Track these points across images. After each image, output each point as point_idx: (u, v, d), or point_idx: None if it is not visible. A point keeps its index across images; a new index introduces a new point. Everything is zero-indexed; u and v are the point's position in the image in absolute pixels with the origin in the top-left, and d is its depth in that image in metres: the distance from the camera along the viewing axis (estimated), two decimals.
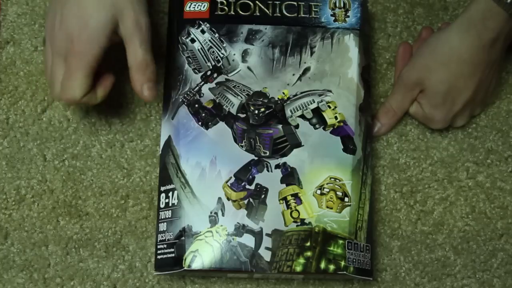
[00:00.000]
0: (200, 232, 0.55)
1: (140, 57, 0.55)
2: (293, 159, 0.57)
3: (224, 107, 0.59)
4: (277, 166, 0.57)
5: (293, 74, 0.60)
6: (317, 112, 0.59)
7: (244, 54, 0.60)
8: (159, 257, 0.56)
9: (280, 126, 0.58)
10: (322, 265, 0.54)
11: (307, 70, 0.60)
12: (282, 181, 0.57)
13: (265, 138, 0.58)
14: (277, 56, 0.60)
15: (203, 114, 0.58)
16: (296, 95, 0.59)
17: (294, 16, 0.61)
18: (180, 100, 0.59)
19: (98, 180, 0.61)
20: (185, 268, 0.54)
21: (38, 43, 0.64)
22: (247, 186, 0.56)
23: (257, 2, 0.61)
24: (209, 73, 0.60)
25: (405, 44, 0.64)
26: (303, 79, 0.59)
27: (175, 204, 0.56)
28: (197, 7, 0.61)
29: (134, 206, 0.61)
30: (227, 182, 0.56)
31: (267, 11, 0.61)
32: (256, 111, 0.58)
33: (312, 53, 0.60)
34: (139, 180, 0.61)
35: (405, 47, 0.64)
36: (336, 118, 0.58)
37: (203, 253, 0.54)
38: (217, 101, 0.59)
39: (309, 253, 0.54)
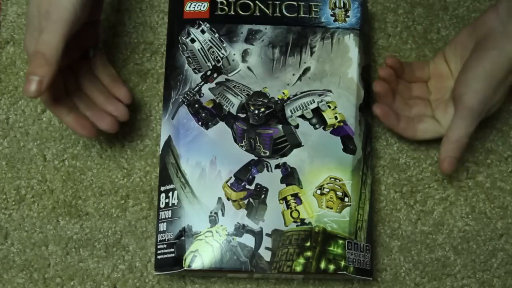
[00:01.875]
0: (200, 232, 0.55)
1: (35, 47, 0.50)
2: (293, 159, 0.57)
3: (224, 107, 0.59)
4: (277, 166, 0.57)
5: (293, 74, 0.60)
6: (317, 112, 0.59)
7: (244, 54, 0.60)
8: (159, 257, 0.56)
9: (280, 126, 0.58)
10: (322, 265, 0.54)
11: (307, 70, 0.60)
12: (282, 181, 0.57)
13: (265, 138, 0.58)
14: (277, 56, 0.60)
15: (203, 114, 0.58)
16: (296, 95, 0.59)
17: (294, 16, 0.61)
18: (180, 100, 0.59)
19: (98, 180, 0.61)
20: (185, 268, 0.54)
21: None
22: (247, 186, 0.56)
23: (257, 2, 0.61)
24: (209, 73, 0.60)
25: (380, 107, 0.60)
26: (303, 79, 0.59)
27: (175, 204, 0.56)
28: (197, 7, 0.61)
29: (134, 206, 0.61)
30: (227, 182, 0.56)
31: (267, 11, 0.61)
32: (256, 111, 0.58)
33: (312, 53, 0.60)
34: (139, 180, 0.61)
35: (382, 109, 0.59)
36: (336, 118, 0.58)
37: (203, 253, 0.54)
38: (217, 101, 0.59)
39: (309, 253, 0.54)
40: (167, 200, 0.56)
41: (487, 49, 0.56)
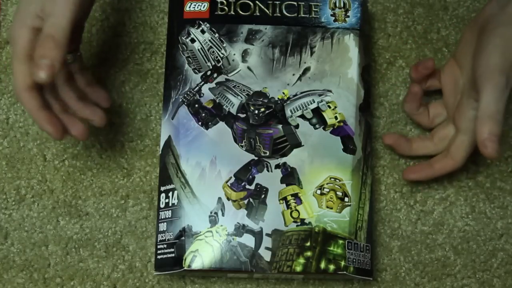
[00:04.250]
0: (200, 232, 0.55)
1: (43, 30, 0.50)
2: (293, 159, 0.57)
3: (224, 107, 0.59)
4: (277, 166, 0.57)
5: (293, 74, 0.60)
6: (317, 112, 0.59)
7: (244, 54, 0.60)
8: (159, 257, 0.56)
9: (280, 126, 0.58)
10: (322, 265, 0.54)
11: (307, 70, 0.60)
12: (282, 181, 0.57)
13: (265, 138, 0.58)
14: (277, 56, 0.60)
15: (203, 114, 0.58)
16: (296, 95, 0.59)
17: (294, 16, 0.61)
18: (180, 100, 0.59)
19: (98, 180, 0.61)
20: (185, 268, 0.54)
21: None
22: (247, 186, 0.56)
23: (257, 2, 0.61)
24: (209, 73, 0.60)
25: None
26: (303, 79, 0.59)
27: (175, 204, 0.56)
28: (197, 7, 0.61)
29: (134, 206, 0.61)
30: (227, 182, 0.56)
31: (267, 11, 0.61)
32: (256, 111, 0.58)
33: (312, 53, 0.60)
34: (139, 180, 0.61)
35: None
36: (336, 118, 0.58)
37: (203, 253, 0.54)
38: (217, 101, 0.59)
39: (309, 253, 0.54)
40: (167, 200, 0.56)
41: (493, 28, 0.54)
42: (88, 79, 0.58)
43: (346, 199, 0.56)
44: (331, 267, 0.54)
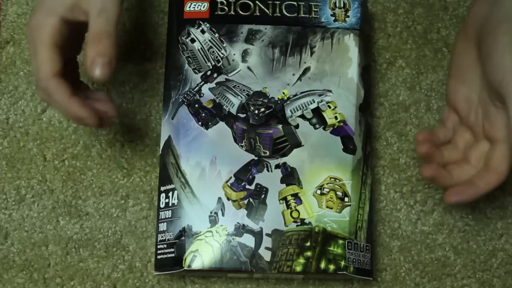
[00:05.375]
0: (200, 232, 0.55)
1: (95, 27, 0.49)
2: (293, 159, 0.57)
3: (224, 107, 0.59)
4: (277, 166, 0.57)
5: (293, 74, 0.60)
6: (317, 112, 0.59)
7: (244, 54, 0.60)
8: (159, 257, 0.56)
9: (280, 126, 0.58)
10: (322, 265, 0.54)
11: (307, 70, 0.60)
12: (282, 181, 0.57)
13: (265, 138, 0.58)
14: (277, 56, 0.60)
15: (203, 114, 0.58)
16: (296, 95, 0.59)
17: (294, 16, 0.61)
18: (180, 100, 0.59)
19: (98, 180, 0.61)
20: (185, 268, 0.54)
21: None
22: (247, 186, 0.56)
23: (257, 2, 0.61)
24: (209, 73, 0.60)
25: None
26: (303, 79, 0.59)
27: (175, 204, 0.56)
28: (197, 7, 0.61)
29: (134, 206, 0.61)
30: (227, 182, 0.56)
31: (267, 11, 0.61)
32: (256, 111, 0.58)
33: (312, 53, 0.60)
34: (139, 180, 0.61)
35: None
36: (336, 118, 0.58)
37: (203, 253, 0.54)
38: (217, 101, 0.59)
39: (309, 253, 0.54)
40: (167, 200, 0.56)
41: (495, 27, 0.52)
42: (86, 86, 0.57)
43: (346, 199, 0.56)
44: (331, 267, 0.54)
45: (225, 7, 0.61)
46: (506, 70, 0.50)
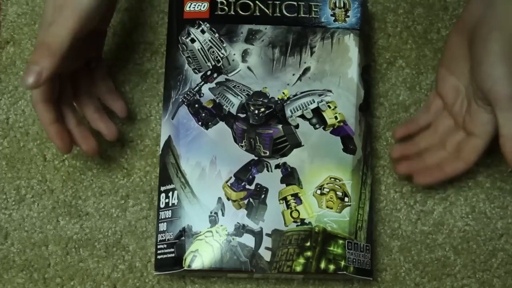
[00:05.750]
0: (200, 232, 0.55)
1: (39, 37, 0.50)
2: (293, 159, 0.57)
3: (224, 107, 0.59)
4: (277, 166, 0.57)
5: (293, 74, 0.60)
6: (317, 112, 0.59)
7: (244, 54, 0.60)
8: (159, 257, 0.56)
9: (280, 126, 0.58)
10: (322, 265, 0.54)
11: (307, 70, 0.60)
12: (282, 181, 0.57)
13: (265, 138, 0.58)
14: (277, 56, 0.60)
15: (203, 114, 0.58)
16: (296, 95, 0.59)
17: (294, 16, 0.61)
18: (180, 100, 0.59)
19: (98, 180, 0.61)
20: (185, 268, 0.54)
21: None
22: (247, 186, 0.56)
23: (257, 2, 0.61)
24: (209, 73, 0.60)
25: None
26: (303, 79, 0.59)
27: (175, 204, 0.56)
28: (197, 7, 0.61)
29: (134, 206, 0.61)
30: (227, 182, 0.56)
31: (267, 11, 0.61)
32: (256, 111, 0.58)
33: (312, 53, 0.60)
34: (139, 180, 0.61)
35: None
36: (336, 118, 0.58)
37: (203, 253, 0.54)
38: (217, 101, 0.59)
39: (309, 253, 0.54)
40: (167, 200, 0.56)
41: (487, 33, 0.53)
42: (109, 86, 0.59)
43: (346, 199, 0.56)
44: (331, 267, 0.54)
45: (225, 7, 0.61)
46: (495, 80, 0.52)
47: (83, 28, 0.50)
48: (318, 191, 0.56)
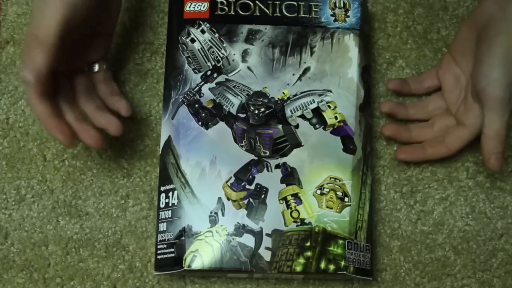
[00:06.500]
0: (200, 232, 0.55)
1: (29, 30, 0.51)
2: (293, 159, 0.57)
3: (224, 107, 0.59)
4: (277, 166, 0.57)
5: (293, 74, 0.60)
6: (317, 112, 0.59)
7: (244, 54, 0.60)
8: (159, 257, 0.56)
9: (280, 126, 0.58)
10: (322, 265, 0.54)
11: (307, 70, 0.60)
12: (282, 181, 0.57)
13: (265, 138, 0.58)
14: (277, 56, 0.60)
15: (203, 114, 0.58)
16: (296, 95, 0.59)
17: (294, 16, 0.61)
18: (180, 100, 0.59)
19: (98, 180, 0.61)
20: (185, 268, 0.54)
21: None
22: (247, 186, 0.56)
23: (257, 2, 0.61)
24: (209, 73, 0.60)
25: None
26: (303, 79, 0.59)
27: (175, 204, 0.56)
28: (197, 7, 0.61)
29: (134, 206, 0.61)
30: (227, 182, 0.56)
31: (267, 11, 0.61)
32: (256, 111, 0.58)
33: (312, 53, 0.60)
34: (139, 180, 0.61)
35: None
36: (336, 118, 0.58)
37: (203, 253, 0.54)
38: (217, 101, 0.59)
39: (309, 253, 0.54)
40: (167, 200, 0.56)
41: (493, 36, 0.54)
42: (112, 89, 0.59)
43: (346, 199, 0.56)
44: (331, 267, 0.54)
45: (225, 7, 0.61)
46: (490, 81, 0.54)
47: (71, 19, 0.50)
48: (318, 191, 0.56)
